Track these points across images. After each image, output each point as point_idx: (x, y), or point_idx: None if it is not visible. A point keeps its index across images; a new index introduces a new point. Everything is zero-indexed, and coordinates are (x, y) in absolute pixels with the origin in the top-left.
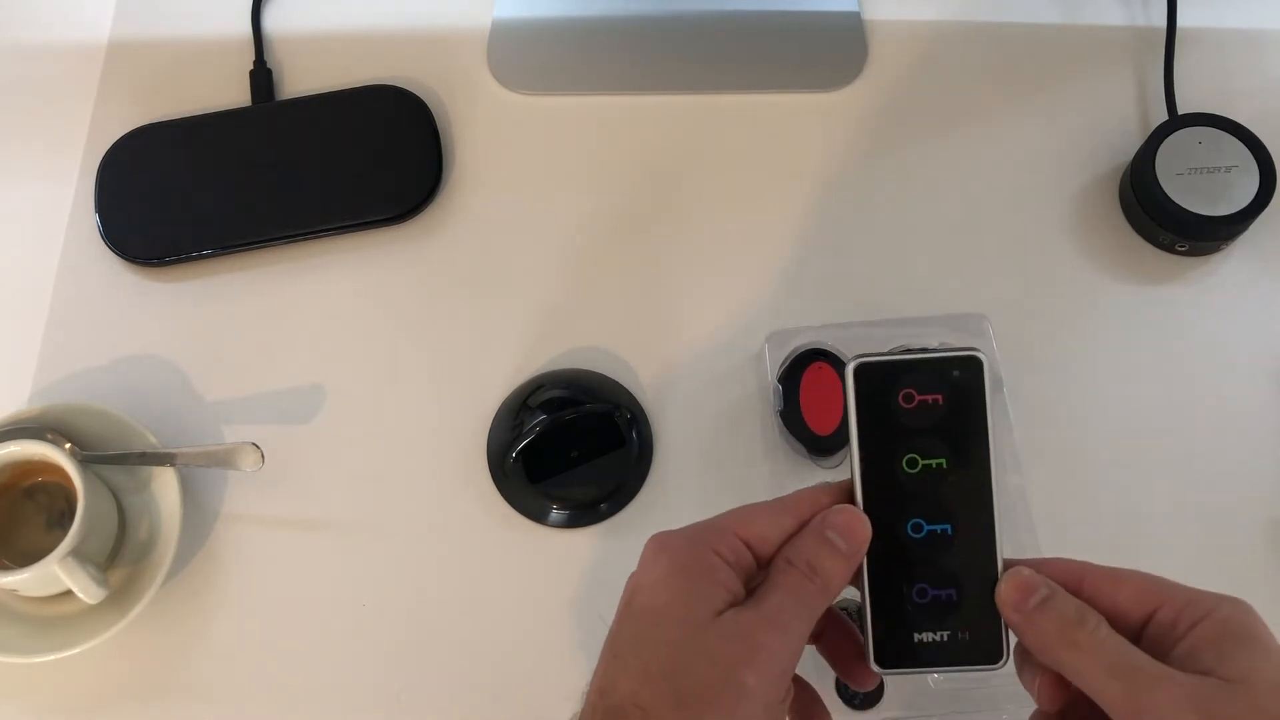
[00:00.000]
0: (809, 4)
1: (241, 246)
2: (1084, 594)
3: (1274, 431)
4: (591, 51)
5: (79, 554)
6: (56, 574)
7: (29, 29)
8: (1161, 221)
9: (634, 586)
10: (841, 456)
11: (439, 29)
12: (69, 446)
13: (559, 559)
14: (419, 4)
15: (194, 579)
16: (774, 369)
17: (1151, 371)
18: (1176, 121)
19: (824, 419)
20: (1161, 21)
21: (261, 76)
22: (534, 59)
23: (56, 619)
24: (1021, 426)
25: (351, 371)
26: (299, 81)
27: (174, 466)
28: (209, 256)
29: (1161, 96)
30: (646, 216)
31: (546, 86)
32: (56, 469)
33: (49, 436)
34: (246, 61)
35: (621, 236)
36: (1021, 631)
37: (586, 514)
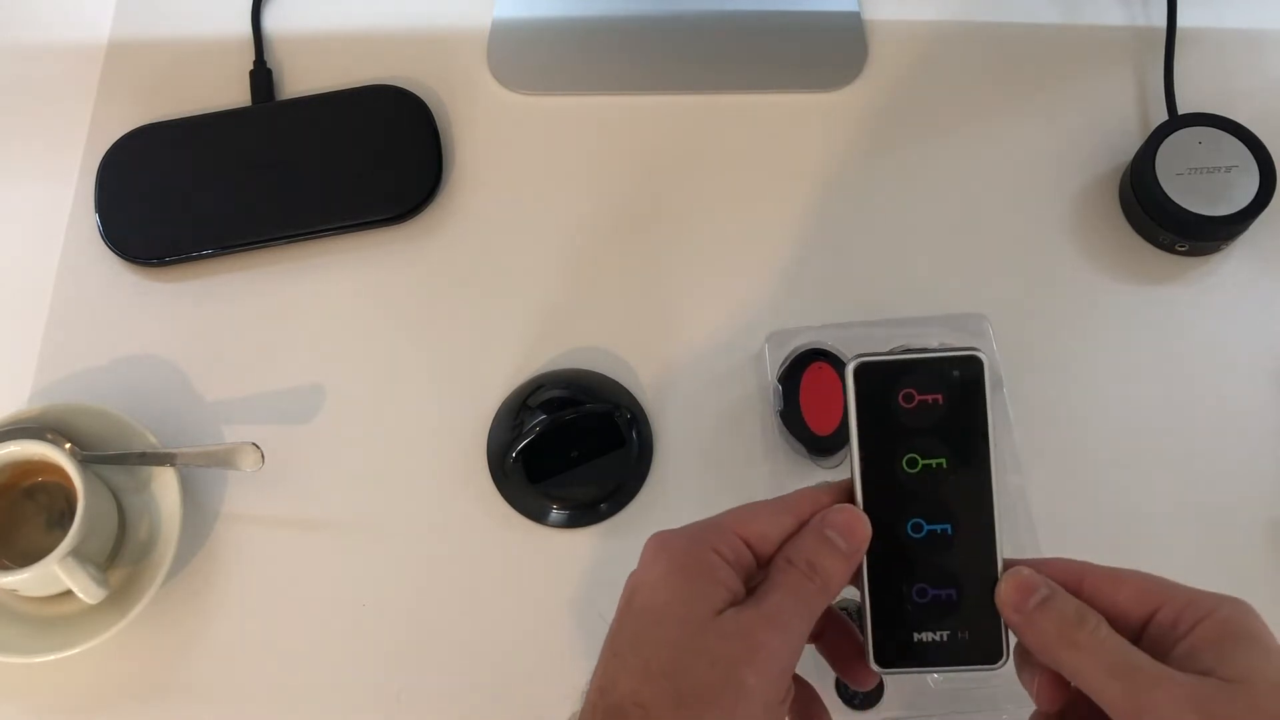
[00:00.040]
0: (809, 4)
1: (241, 246)
2: (1084, 594)
3: (1274, 431)
4: (591, 51)
5: (79, 554)
6: (56, 574)
7: (29, 29)
8: (1161, 221)
9: (634, 585)
10: (841, 456)
11: (439, 29)
12: (69, 446)
13: (559, 559)
14: (419, 4)
15: (194, 579)
16: (774, 369)
17: (1151, 371)
18: (1176, 121)
19: (824, 419)
20: (1161, 21)
21: (261, 76)
22: (534, 59)
23: (56, 619)
24: (1021, 426)
25: (351, 371)
26: (299, 81)
27: (174, 466)
28: (209, 256)
29: (1161, 96)
30: (646, 216)
31: (546, 86)
32: (56, 469)
33: (49, 436)
34: (246, 61)
35: (621, 236)
36: (1021, 631)
37: (586, 514)
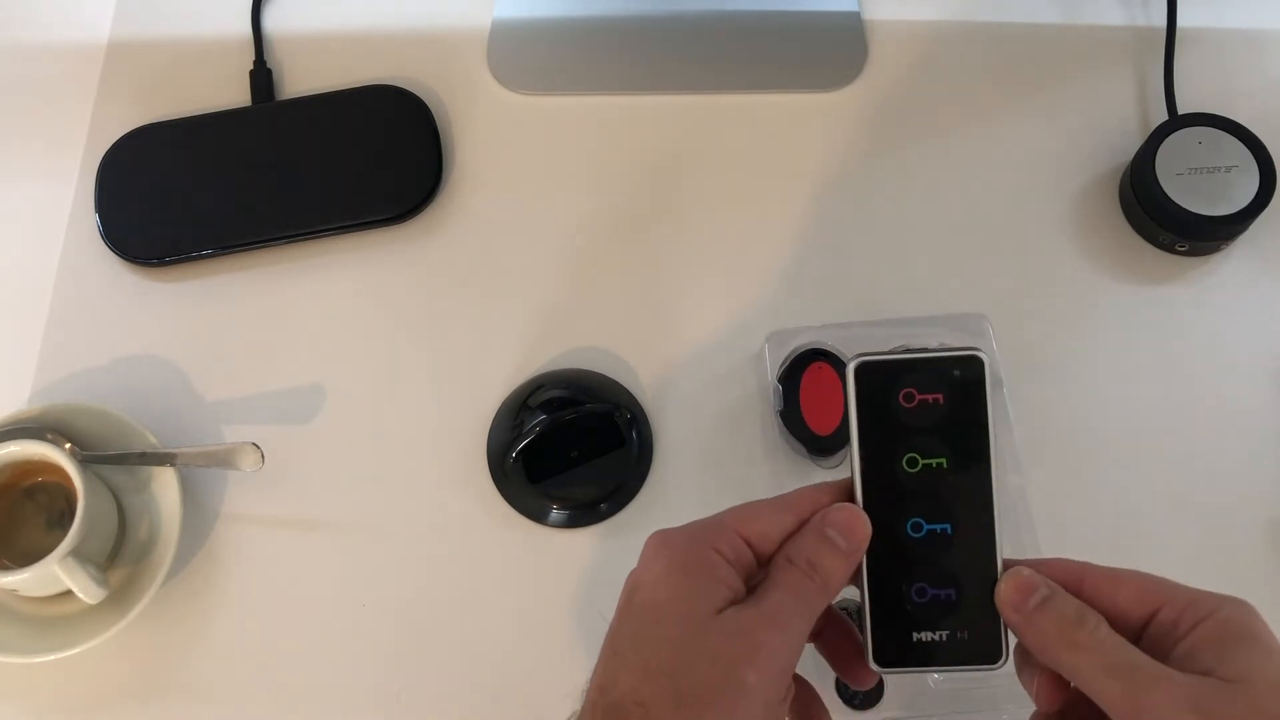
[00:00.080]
0: (809, 4)
1: (241, 246)
2: (1084, 594)
3: (1274, 431)
4: (591, 51)
5: (79, 554)
6: (56, 574)
7: (29, 29)
8: (1161, 221)
9: (634, 583)
10: (841, 456)
11: (439, 29)
12: (69, 446)
13: (559, 559)
14: (419, 4)
15: (194, 579)
16: (774, 369)
17: (1151, 371)
18: (1176, 121)
19: (824, 419)
20: (1161, 21)
21: (261, 76)
22: (534, 59)
23: (56, 619)
24: (1021, 426)
25: (351, 371)
26: (299, 81)
27: (174, 466)
28: (209, 256)
29: (1161, 96)
30: (646, 216)
31: (546, 86)
32: (56, 469)
33: (49, 436)
34: (246, 61)
35: (621, 236)
36: (1021, 631)
37: (586, 514)
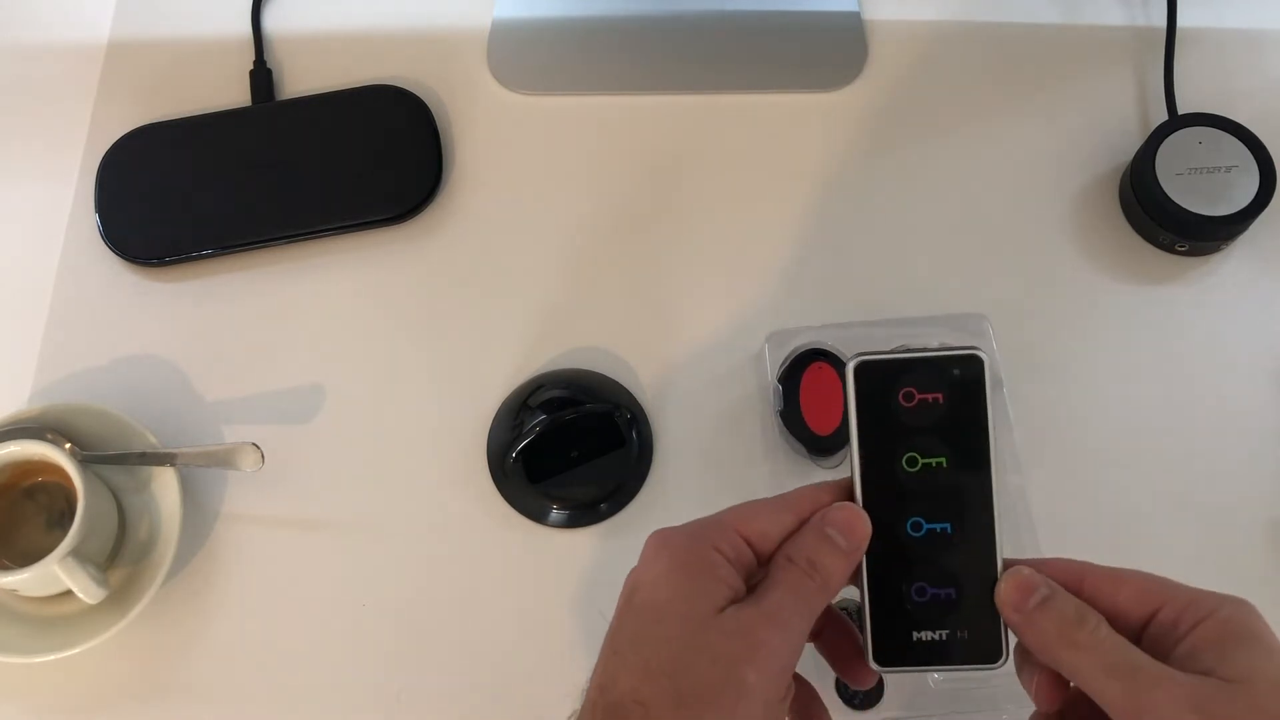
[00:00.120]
0: (809, 4)
1: (241, 246)
2: (1084, 594)
3: (1274, 431)
4: (591, 51)
5: (79, 554)
6: (56, 574)
7: (29, 29)
8: (1161, 221)
9: (634, 582)
10: (841, 457)
11: (439, 29)
12: (69, 446)
13: (559, 559)
14: (419, 4)
15: (194, 579)
16: (774, 369)
17: (1151, 371)
18: (1176, 121)
19: (824, 419)
20: (1161, 21)
21: (261, 76)
22: (534, 59)
23: (56, 619)
24: (1021, 426)
25: (351, 371)
26: (299, 81)
27: (174, 466)
28: (209, 256)
29: (1161, 96)
30: (646, 216)
31: (546, 86)
32: (56, 469)
33: (49, 436)
34: (246, 61)
35: (621, 236)
36: (1021, 631)
37: (586, 514)
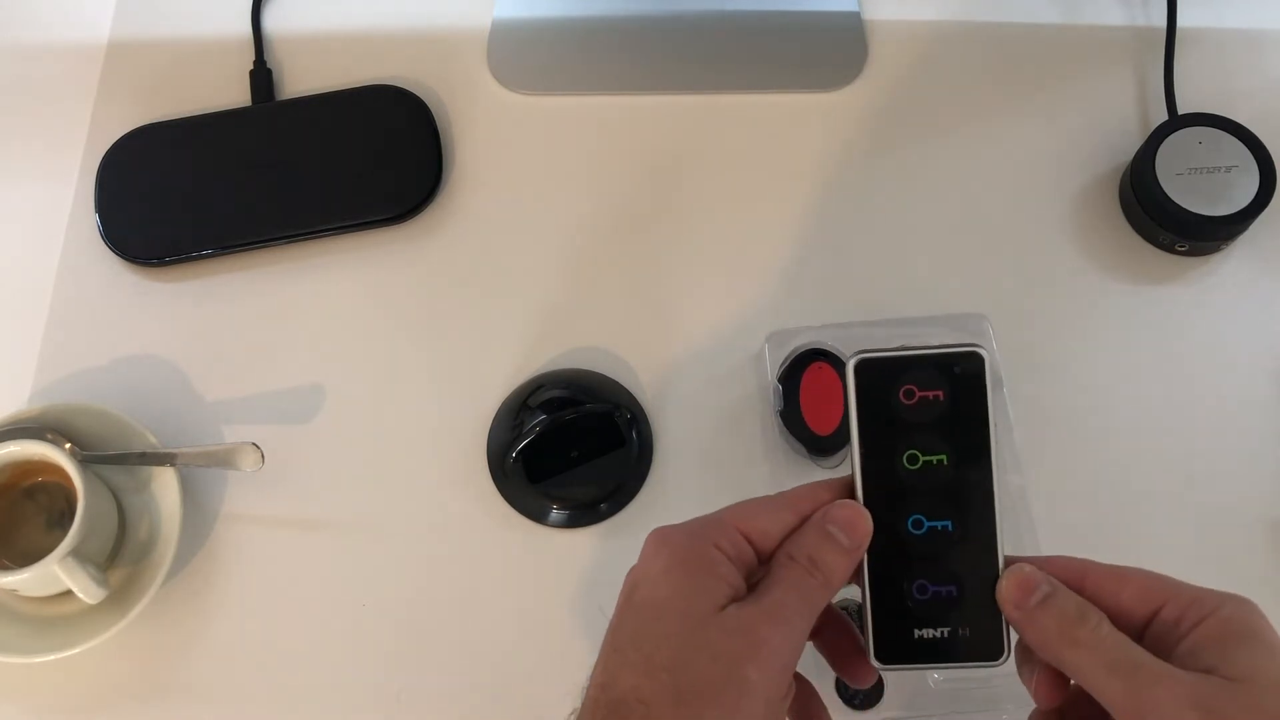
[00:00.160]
0: (809, 4)
1: (241, 246)
2: (1086, 592)
3: (1274, 431)
4: (591, 51)
5: (79, 554)
6: (56, 574)
7: (29, 29)
8: (1161, 221)
9: (635, 580)
10: (841, 457)
11: (439, 29)
12: (69, 446)
13: (559, 559)
14: (419, 4)
15: (194, 579)
16: (774, 369)
17: (1151, 371)
18: (1176, 121)
19: (824, 419)
20: (1161, 21)
21: (261, 76)
22: (534, 59)
23: (56, 619)
24: (1021, 426)
25: (351, 371)
26: (299, 81)
27: (174, 466)
28: (209, 256)
29: (1161, 96)
30: (646, 216)
31: (546, 86)
32: (56, 469)
33: (49, 436)
34: (246, 61)
35: (621, 236)
36: (1022, 629)
37: (586, 514)
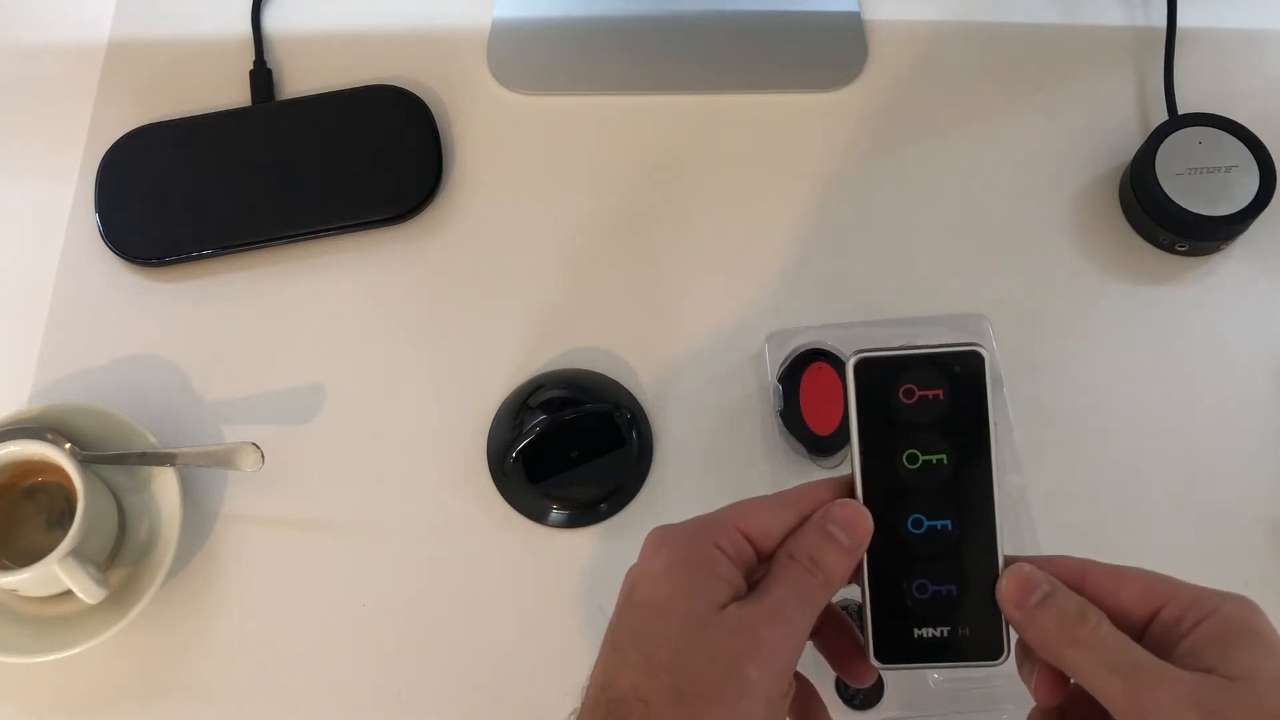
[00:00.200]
0: (809, 4)
1: (241, 246)
2: (1086, 591)
3: (1274, 431)
4: (591, 51)
5: (79, 554)
6: (56, 574)
7: (29, 29)
8: (1161, 221)
9: (634, 579)
10: (841, 457)
11: (439, 29)
12: (69, 446)
13: (559, 559)
14: (419, 4)
15: (194, 579)
16: (774, 369)
17: (1151, 371)
18: (1176, 121)
19: (824, 419)
20: (1161, 21)
21: (261, 76)
22: (534, 59)
23: (56, 619)
24: (1021, 426)
25: (351, 371)
26: (299, 81)
27: (174, 466)
28: (209, 256)
29: (1161, 96)
30: (646, 216)
31: (546, 86)
32: (56, 469)
33: (49, 436)
34: (246, 61)
35: (621, 236)
36: (1022, 628)
37: (586, 514)
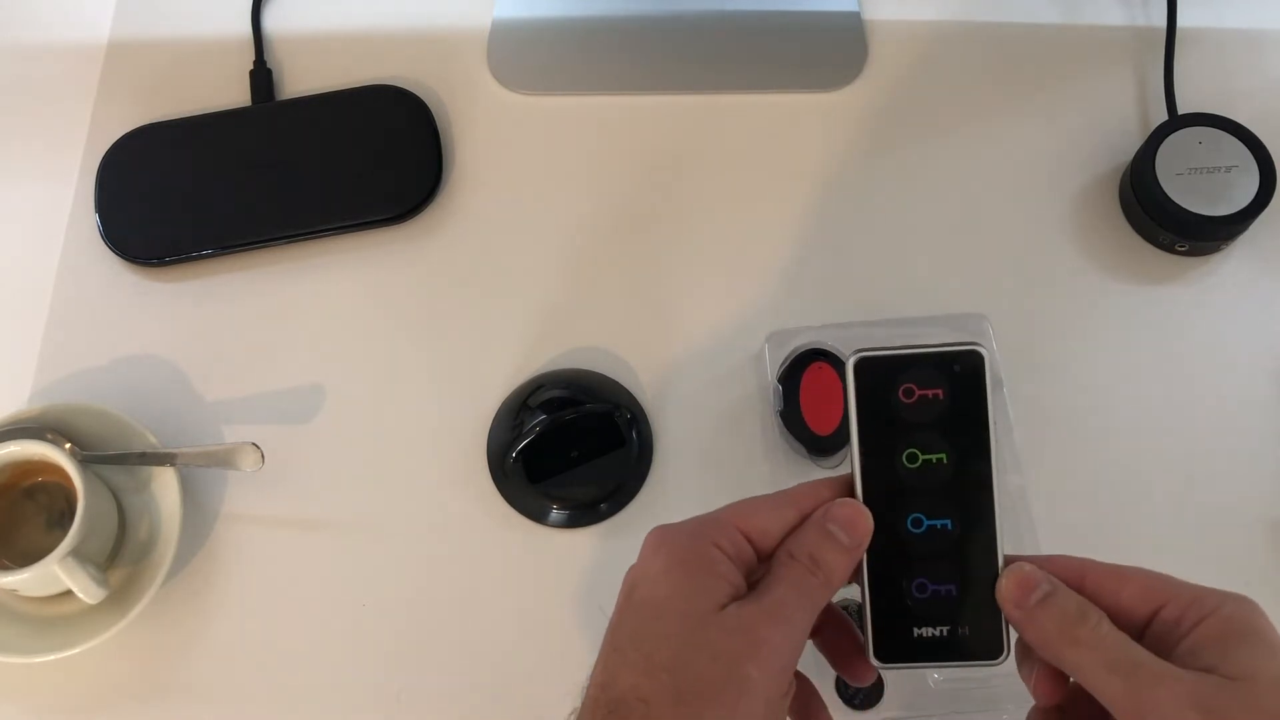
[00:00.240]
0: (809, 4)
1: (241, 246)
2: (1086, 591)
3: (1274, 431)
4: (591, 51)
5: (79, 554)
6: (56, 574)
7: (29, 29)
8: (1161, 221)
9: (634, 579)
10: (841, 457)
11: (439, 29)
12: (69, 446)
13: (559, 559)
14: (419, 4)
15: (194, 579)
16: (774, 369)
17: (1151, 371)
18: (1176, 121)
19: (824, 419)
20: (1161, 21)
21: (261, 76)
22: (534, 59)
23: (56, 619)
24: (1021, 426)
25: (351, 371)
26: (299, 81)
27: (174, 466)
28: (209, 256)
29: (1161, 96)
30: (646, 216)
31: (546, 86)
32: (56, 469)
33: (49, 436)
34: (246, 61)
35: (621, 236)
36: (1022, 628)
37: (586, 514)
